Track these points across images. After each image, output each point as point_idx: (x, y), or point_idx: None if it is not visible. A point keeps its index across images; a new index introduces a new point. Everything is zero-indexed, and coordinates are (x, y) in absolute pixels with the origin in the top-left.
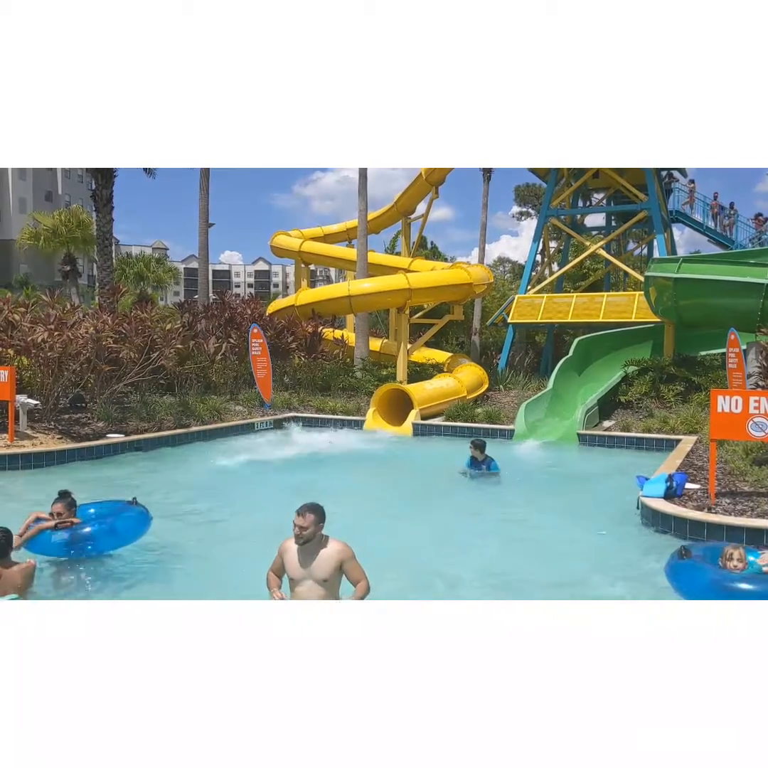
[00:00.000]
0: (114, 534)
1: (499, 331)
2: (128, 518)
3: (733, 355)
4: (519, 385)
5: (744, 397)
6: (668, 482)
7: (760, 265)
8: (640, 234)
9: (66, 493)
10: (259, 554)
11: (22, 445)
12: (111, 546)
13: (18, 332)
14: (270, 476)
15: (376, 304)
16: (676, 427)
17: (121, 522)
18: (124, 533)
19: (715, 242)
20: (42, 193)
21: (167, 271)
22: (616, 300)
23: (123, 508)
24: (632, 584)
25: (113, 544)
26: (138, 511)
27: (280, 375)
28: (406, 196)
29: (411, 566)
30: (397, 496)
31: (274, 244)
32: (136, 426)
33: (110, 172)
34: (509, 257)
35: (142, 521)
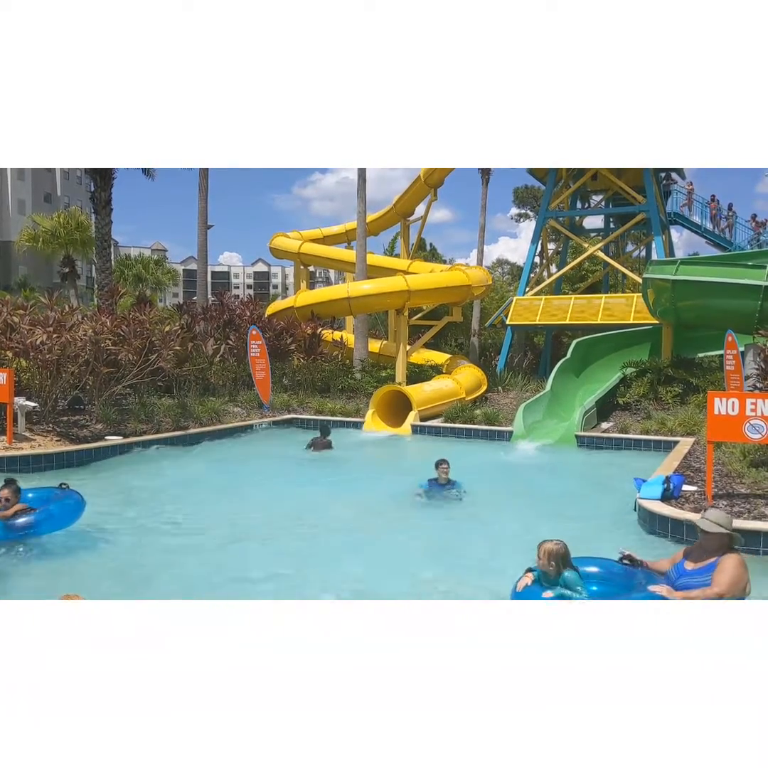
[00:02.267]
0: (54, 518)
1: (497, 333)
2: (66, 504)
3: (731, 356)
4: (518, 386)
5: (741, 399)
6: (665, 484)
7: (757, 267)
8: (639, 236)
9: (12, 480)
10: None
11: (21, 447)
12: (51, 529)
13: (17, 334)
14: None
15: (375, 305)
16: (674, 428)
17: (60, 507)
18: (63, 517)
19: (713, 244)
20: (41, 194)
21: (166, 272)
22: (614, 302)
23: (60, 494)
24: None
25: (53, 527)
26: (75, 498)
27: (279, 376)
28: (405, 198)
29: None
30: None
31: (273, 245)
32: (134, 428)
33: (109, 173)
34: (508, 259)
35: (78, 506)
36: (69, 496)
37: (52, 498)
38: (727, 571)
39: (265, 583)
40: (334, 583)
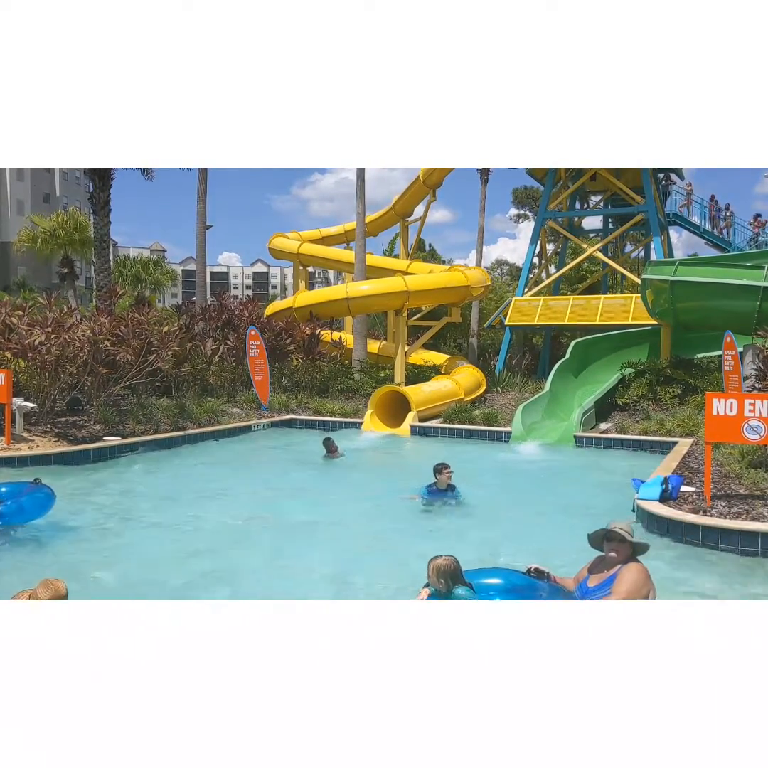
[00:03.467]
0: (24, 511)
1: (496, 333)
2: (36, 497)
3: (730, 357)
4: (516, 387)
5: (739, 400)
6: (664, 485)
7: (756, 267)
8: (638, 236)
9: None
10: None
11: (19, 448)
12: (20, 521)
13: (15, 335)
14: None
15: (374, 306)
16: (673, 429)
17: (31, 500)
18: (33, 510)
19: (712, 245)
20: (40, 195)
21: (165, 273)
22: (613, 302)
23: (31, 488)
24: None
25: (23, 519)
26: (45, 492)
27: (278, 377)
28: (404, 198)
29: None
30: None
31: (272, 246)
32: (133, 428)
33: (108, 174)
34: (507, 259)
35: (48, 500)
36: (39, 490)
37: (24, 491)
38: (626, 580)
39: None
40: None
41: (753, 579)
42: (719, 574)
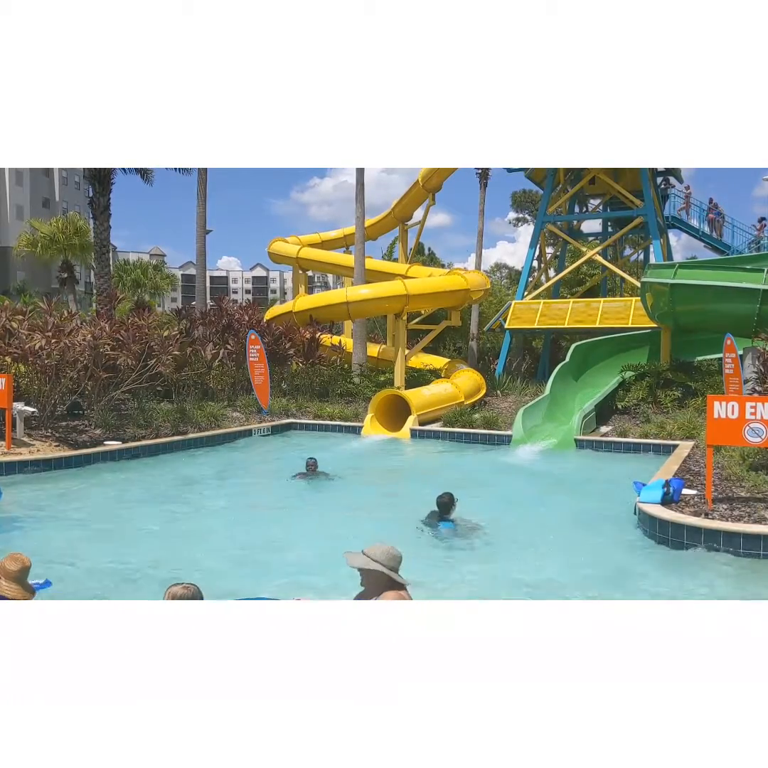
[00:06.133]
0: None
1: (496, 337)
2: None
3: (730, 360)
4: (516, 390)
5: (740, 402)
6: (665, 488)
7: (756, 270)
8: (637, 240)
9: None
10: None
11: (19, 453)
12: None
13: (15, 339)
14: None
15: (374, 310)
16: (673, 432)
17: None
18: None
19: (711, 248)
20: (39, 200)
21: (165, 277)
22: (612, 305)
23: None
24: (627, 589)
25: None
26: None
27: (278, 381)
28: (404, 202)
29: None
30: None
31: (271, 250)
32: (133, 433)
33: (108, 178)
34: (506, 263)
35: None
36: None
37: None
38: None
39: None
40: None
41: (755, 581)
42: (721, 576)
